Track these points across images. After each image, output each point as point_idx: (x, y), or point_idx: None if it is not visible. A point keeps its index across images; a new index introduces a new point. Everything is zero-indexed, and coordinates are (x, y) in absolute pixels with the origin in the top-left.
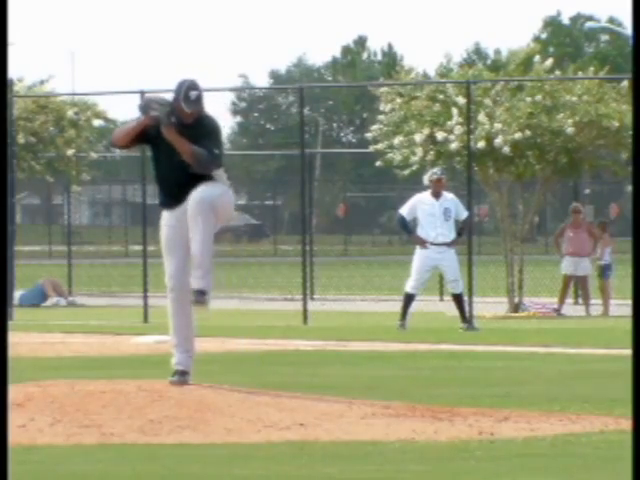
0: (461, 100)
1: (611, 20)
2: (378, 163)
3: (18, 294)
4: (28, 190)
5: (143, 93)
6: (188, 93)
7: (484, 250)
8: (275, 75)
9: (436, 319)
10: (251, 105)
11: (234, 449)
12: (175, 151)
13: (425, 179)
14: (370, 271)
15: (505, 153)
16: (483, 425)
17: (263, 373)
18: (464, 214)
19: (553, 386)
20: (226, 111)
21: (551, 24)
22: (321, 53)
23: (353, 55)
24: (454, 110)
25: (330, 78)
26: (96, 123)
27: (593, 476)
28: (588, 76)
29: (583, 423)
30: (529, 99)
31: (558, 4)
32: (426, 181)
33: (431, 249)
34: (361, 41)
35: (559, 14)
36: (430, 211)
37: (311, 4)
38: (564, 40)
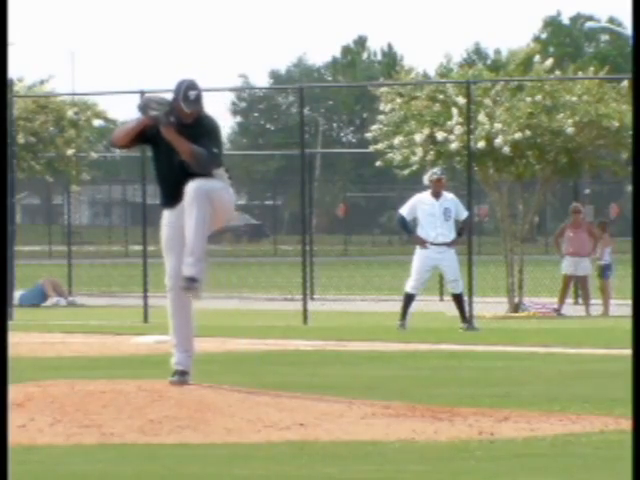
0: (461, 100)
1: (611, 20)
2: (378, 163)
3: (18, 294)
4: (28, 190)
5: (143, 93)
6: (187, 93)
7: (484, 250)
8: (275, 75)
9: (436, 319)
10: (251, 105)
11: (234, 449)
12: (175, 151)
13: (425, 179)
14: (370, 271)
15: (505, 153)
16: (483, 425)
17: (263, 373)
18: (464, 214)
19: (553, 386)
20: (226, 111)
21: (551, 24)
22: (321, 53)
23: (353, 55)
24: (454, 110)
25: (330, 78)
26: (96, 123)
27: (593, 476)
28: (588, 76)
29: (583, 423)
30: (529, 99)
31: (558, 4)
32: (426, 181)
33: (431, 249)
34: (361, 41)
35: (559, 14)
36: (430, 211)
37: (311, 4)
38: (564, 40)
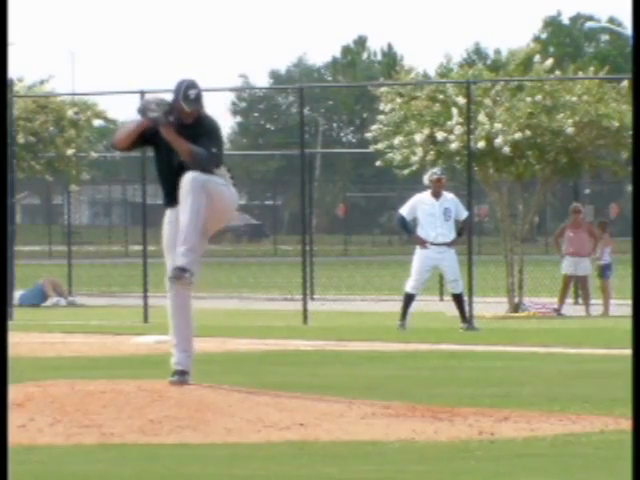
0: (461, 100)
1: (611, 20)
2: (378, 163)
3: (18, 294)
4: (28, 190)
5: (143, 93)
6: (187, 92)
7: (484, 250)
8: (275, 75)
9: (436, 319)
10: (251, 105)
11: (234, 449)
12: (175, 150)
13: (425, 179)
14: (370, 271)
15: (505, 153)
16: (483, 425)
17: (263, 373)
18: (464, 214)
19: (553, 386)
20: (226, 111)
21: (551, 24)
22: (321, 53)
23: (353, 55)
24: (454, 110)
25: (330, 78)
26: (96, 123)
27: (593, 476)
28: (588, 76)
29: (583, 423)
30: (529, 99)
31: (558, 4)
32: (426, 181)
33: (431, 249)
34: (361, 41)
35: (559, 14)
36: (430, 211)
37: (311, 4)
38: (564, 40)
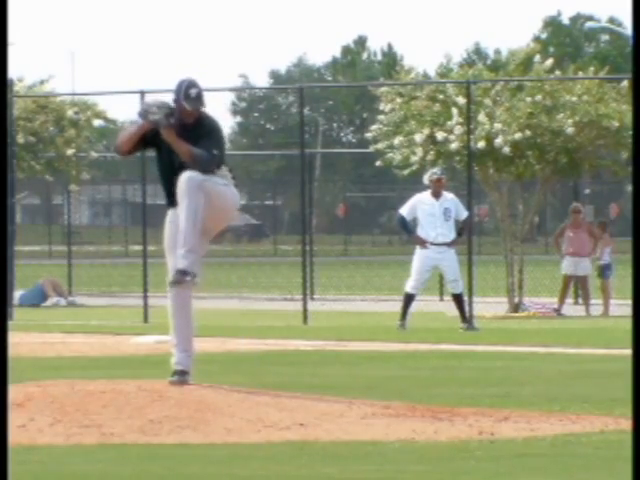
0: (461, 100)
1: (611, 20)
2: (378, 163)
3: (18, 294)
4: (28, 190)
5: (143, 93)
6: (188, 91)
7: (484, 250)
8: (275, 75)
9: (436, 319)
10: (251, 105)
11: (234, 449)
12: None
13: (425, 179)
14: (370, 271)
15: (505, 153)
16: (483, 425)
17: (263, 373)
18: (464, 214)
19: (553, 386)
20: (226, 111)
21: (551, 24)
22: (321, 53)
23: (353, 55)
24: (454, 110)
25: (330, 78)
26: (96, 123)
27: (593, 476)
28: (588, 76)
29: (583, 423)
30: (529, 99)
31: (558, 4)
32: (426, 181)
33: (431, 249)
34: (361, 41)
35: (559, 14)
36: (430, 211)
37: (311, 4)
38: (564, 40)
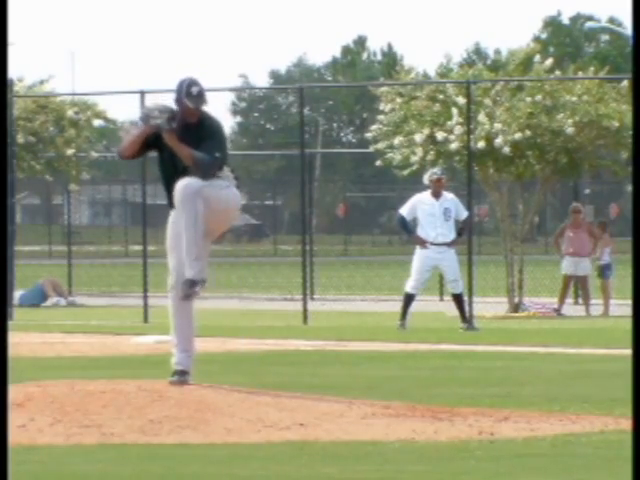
0: (461, 100)
1: (611, 20)
2: (378, 163)
3: (18, 294)
4: (28, 190)
5: (143, 93)
6: (190, 89)
7: (484, 250)
8: (275, 75)
9: (436, 319)
10: (251, 105)
11: (234, 449)
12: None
13: (425, 179)
14: (370, 271)
15: (505, 153)
16: (483, 425)
17: (263, 373)
18: (464, 214)
19: (553, 386)
20: (226, 111)
21: (551, 24)
22: (321, 53)
23: (353, 55)
24: (454, 110)
25: (330, 78)
26: (96, 123)
27: (593, 476)
28: (588, 76)
29: (583, 423)
30: (529, 99)
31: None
32: (426, 181)
33: (431, 249)
34: (361, 41)
35: (559, 14)
36: (430, 211)
37: (311, 4)
38: (564, 40)
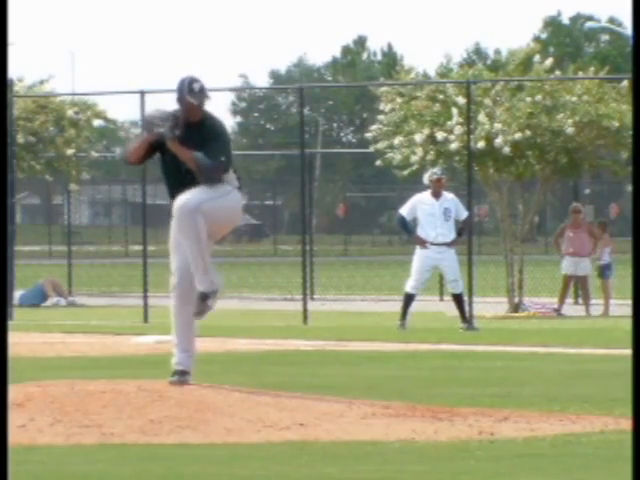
0: (461, 100)
1: (611, 20)
2: (378, 163)
3: (18, 294)
4: (28, 190)
5: (143, 93)
6: (191, 86)
7: (484, 250)
8: (275, 75)
9: (436, 319)
10: (251, 105)
11: (234, 449)
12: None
13: (425, 179)
14: (370, 271)
15: (505, 153)
16: (483, 425)
17: (263, 373)
18: (464, 214)
19: (553, 386)
20: (226, 111)
21: (551, 24)
22: (321, 53)
23: (353, 55)
24: (454, 110)
25: (330, 78)
26: (96, 123)
27: (593, 476)
28: (588, 76)
29: (583, 423)
30: (529, 99)
31: (558, 4)
32: (426, 181)
33: (431, 249)
34: (361, 41)
35: (559, 14)
36: (430, 211)
37: (311, 4)
38: (564, 40)
